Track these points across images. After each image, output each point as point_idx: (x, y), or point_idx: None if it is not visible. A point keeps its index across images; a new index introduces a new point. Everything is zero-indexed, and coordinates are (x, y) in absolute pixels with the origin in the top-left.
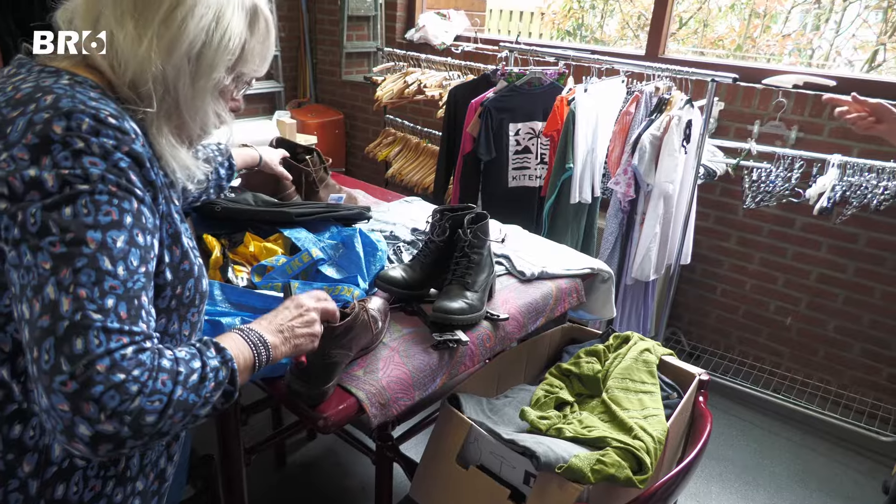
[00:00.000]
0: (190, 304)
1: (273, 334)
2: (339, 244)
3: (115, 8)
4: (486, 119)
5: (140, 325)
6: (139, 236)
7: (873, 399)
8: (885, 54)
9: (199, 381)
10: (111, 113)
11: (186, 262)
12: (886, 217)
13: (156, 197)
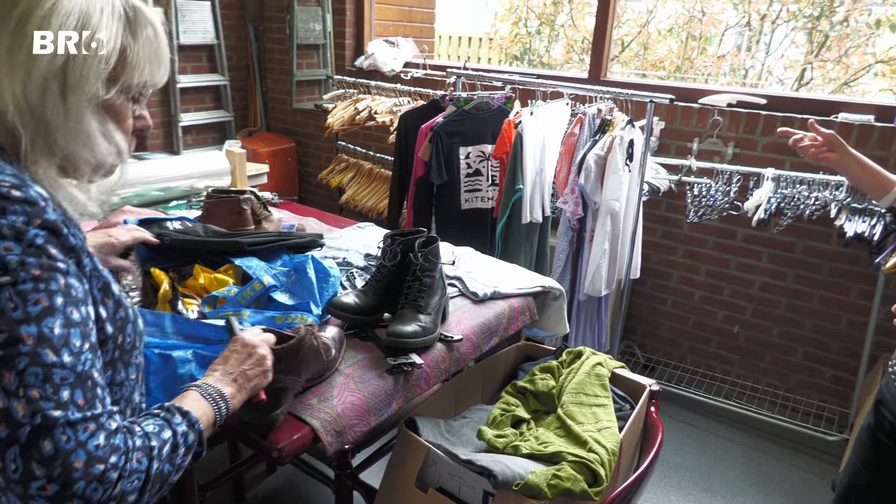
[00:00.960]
0: (131, 348)
1: (228, 384)
2: (291, 271)
3: None
4: (437, 143)
5: (99, 405)
6: (74, 313)
7: (818, 401)
8: (812, 72)
9: (171, 451)
10: (11, 183)
11: (121, 309)
12: (819, 226)
13: (79, 260)
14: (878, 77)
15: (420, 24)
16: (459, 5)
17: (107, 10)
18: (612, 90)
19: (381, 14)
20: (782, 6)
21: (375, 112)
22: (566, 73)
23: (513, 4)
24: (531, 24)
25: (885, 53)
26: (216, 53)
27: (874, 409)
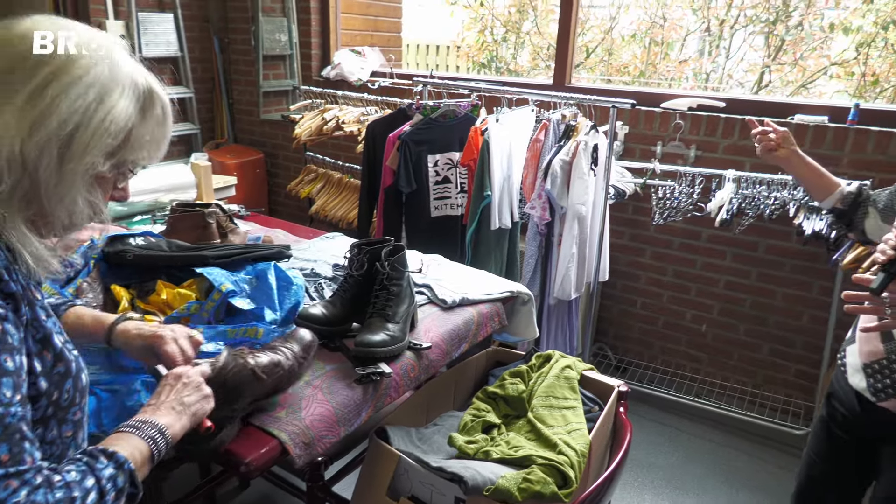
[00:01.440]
0: (69, 404)
1: (165, 414)
2: (252, 278)
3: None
4: (405, 152)
5: (26, 460)
6: (7, 361)
7: (784, 395)
8: (770, 75)
9: (98, 498)
10: None
11: (61, 363)
12: (779, 225)
13: (17, 308)
14: (834, 79)
15: (387, 33)
16: (426, 14)
17: (128, 89)
18: (576, 96)
19: (347, 24)
20: (740, 11)
21: (343, 122)
22: (532, 80)
23: (478, 13)
24: (497, 32)
25: (838, 56)
26: (180, 66)
27: (826, 402)
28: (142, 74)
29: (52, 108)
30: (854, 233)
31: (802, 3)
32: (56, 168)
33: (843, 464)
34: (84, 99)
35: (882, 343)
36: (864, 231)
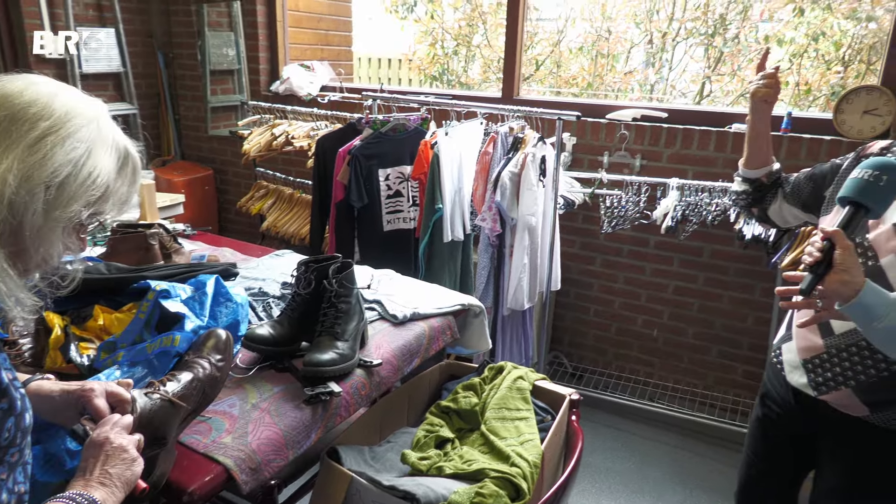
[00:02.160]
0: (9, 444)
1: (97, 488)
2: (192, 288)
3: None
4: (355, 166)
5: None
6: None
7: (733, 396)
8: (711, 86)
9: None
10: None
11: (5, 399)
12: (722, 230)
13: None
14: None
15: (337, 47)
16: (377, 28)
17: (110, 147)
18: (523, 109)
19: (297, 38)
20: (681, 25)
21: (293, 137)
22: (481, 93)
23: (429, 27)
24: (448, 45)
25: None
26: (123, 81)
27: (760, 402)
28: (120, 136)
29: (49, 157)
30: (757, 209)
31: (738, 16)
32: (42, 213)
33: (779, 461)
34: (76, 152)
35: (821, 338)
36: (767, 211)
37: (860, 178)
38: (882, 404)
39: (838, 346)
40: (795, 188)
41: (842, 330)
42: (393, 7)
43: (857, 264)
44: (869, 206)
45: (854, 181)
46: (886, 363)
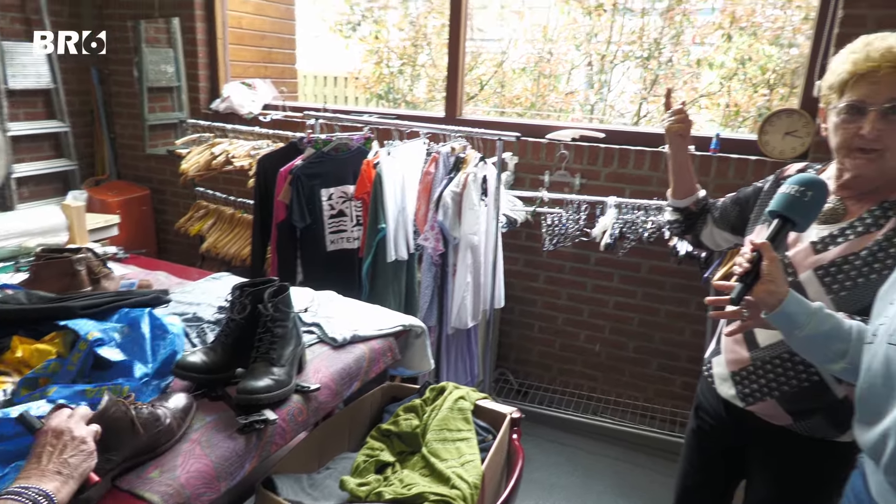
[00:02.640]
0: None
1: (50, 480)
2: (124, 326)
3: None
4: (297, 186)
5: None
6: None
7: (672, 407)
8: (647, 107)
9: None
10: None
11: None
12: (658, 247)
13: None
14: (703, 109)
15: (281, 64)
16: (323, 46)
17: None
18: (464, 129)
19: (238, 55)
20: (618, 48)
21: (233, 156)
22: (424, 113)
23: (374, 46)
24: (393, 65)
25: (705, 89)
26: (54, 98)
27: (694, 414)
28: None
29: None
30: (690, 235)
31: (671, 41)
32: None
33: (713, 472)
34: None
35: (748, 351)
36: (699, 236)
37: (788, 194)
38: (804, 413)
39: (763, 358)
40: (723, 213)
41: (766, 343)
42: (337, 27)
43: (782, 275)
44: (795, 220)
45: (782, 196)
46: (807, 374)
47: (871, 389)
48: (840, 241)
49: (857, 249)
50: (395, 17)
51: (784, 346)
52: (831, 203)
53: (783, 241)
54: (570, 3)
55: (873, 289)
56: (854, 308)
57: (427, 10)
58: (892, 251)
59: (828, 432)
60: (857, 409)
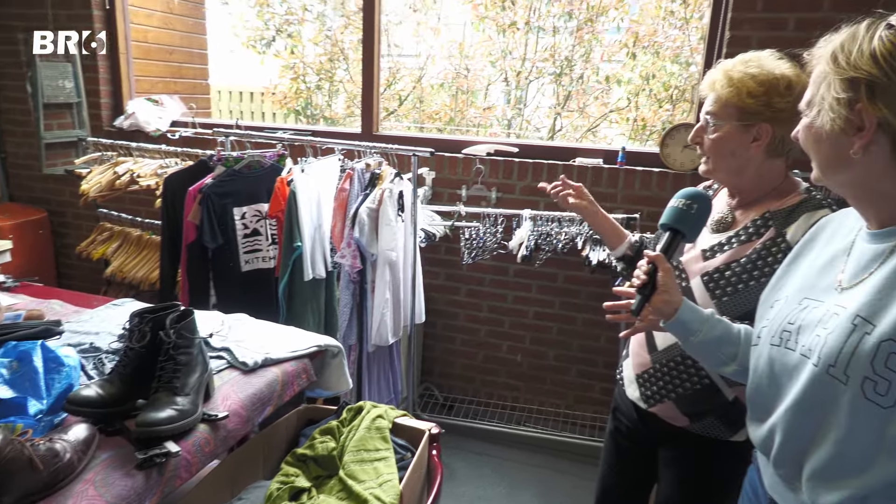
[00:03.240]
0: None
1: None
2: (13, 361)
3: None
4: (208, 205)
5: None
6: None
7: (592, 413)
8: (561, 121)
9: None
10: None
11: None
12: (572, 257)
13: None
14: (614, 124)
15: (192, 80)
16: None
17: None
18: (379, 145)
19: (145, 70)
20: (532, 64)
21: (138, 175)
22: (339, 129)
23: (289, 61)
24: (310, 80)
25: (615, 104)
26: None
27: (612, 416)
28: None
29: None
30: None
31: (581, 58)
32: None
33: (630, 472)
34: None
35: (649, 354)
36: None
37: (676, 207)
38: (698, 415)
39: (661, 360)
40: (655, 243)
41: (663, 346)
42: (250, 42)
43: (675, 285)
44: (684, 231)
45: (671, 209)
46: (699, 377)
47: (759, 389)
48: (726, 249)
49: (739, 257)
50: (311, 31)
51: (678, 349)
52: (722, 213)
53: (675, 251)
54: (485, 21)
55: (753, 295)
56: (736, 313)
57: (344, 24)
58: (770, 259)
59: (722, 432)
60: (749, 408)
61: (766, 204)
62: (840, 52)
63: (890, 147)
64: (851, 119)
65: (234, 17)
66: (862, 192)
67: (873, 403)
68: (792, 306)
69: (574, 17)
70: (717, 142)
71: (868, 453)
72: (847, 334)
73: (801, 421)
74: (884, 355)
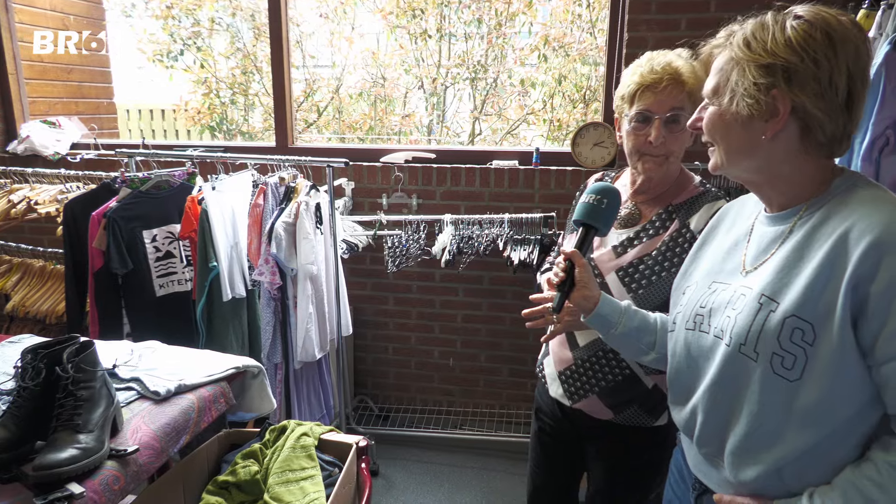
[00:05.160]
0: None
1: None
2: None
3: None
4: (114, 230)
5: None
6: None
7: (526, 410)
8: (480, 125)
9: None
10: None
11: None
12: (494, 258)
13: None
14: (532, 125)
15: (96, 99)
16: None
17: None
18: (291, 158)
19: (40, 91)
20: (447, 71)
21: (36, 202)
22: (255, 144)
23: (200, 76)
24: (224, 95)
25: (530, 107)
26: None
27: (535, 416)
28: None
29: None
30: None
31: (495, 63)
32: None
33: (558, 469)
34: None
35: (570, 351)
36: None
37: (587, 203)
38: (621, 405)
39: (583, 356)
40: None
41: (585, 342)
42: (156, 57)
43: (593, 280)
44: (596, 226)
45: (582, 205)
46: (619, 368)
47: (678, 372)
48: (636, 244)
49: (650, 250)
50: (222, 44)
51: (599, 345)
52: (628, 208)
53: (590, 246)
54: (397, 31)
55: (666, 285)
56: (652, 305)
57: (255, 36)
58: (678, 249)
59: (645, 420)
60: (670, 392)
61: (667, 198)
62: (752, 39)
63: (799, 132)
64: (765, 105)
65: (139, 31)
66: (765, 177)
67: (781, 378)
68: (702, 291)
69: (484, 22)
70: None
71: (779, 427)
72: (754, 313)
73: (718, 399)
74: (788, 331)
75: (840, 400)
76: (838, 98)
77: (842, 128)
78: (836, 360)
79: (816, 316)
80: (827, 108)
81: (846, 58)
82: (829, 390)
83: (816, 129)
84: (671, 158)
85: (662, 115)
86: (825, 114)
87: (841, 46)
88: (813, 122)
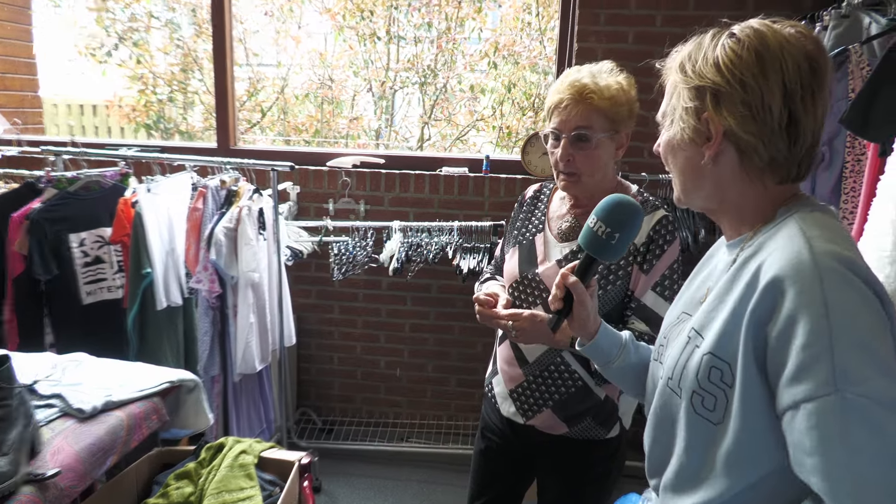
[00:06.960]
0: None
1: None
2: None
3: None
4: (37, 233)
5: None
6: None
7: (474, 421)
8: (429, 131)
9: None
10: None
11: None
12: (443, 266)
13: None
14: (481, 131)
15: (20, 92)
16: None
17: None
18: (234, 161)
19: None
20: (396, 74)
21: None
22: (195, 144)
23: (136, 72)
24: (161, 91)
25: (479, 113)
26: None
27: (481, 435)
28: None
29: None
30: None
31: (444, 67)
32: None
33: (504, 486)
34: None
35: (520, 367)
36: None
37: (595, 234)
38: (575, 418)
39: (534, 372)
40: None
41: (533, 358)
42: (89, 51)
43: (591, 314)
44: (602, 261)
45: (589, 233)
46: (572, 380)
47: (647, 403)
48: (579, 257)
49: None
50: (160, 40)
51: (549, 359)
52: (568, 221)
53: (593, 274)
54: (345, 31)
55: (611, 297)
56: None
57: (196, 32)
58: (622, 262)
59: (598, 432)
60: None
61: None
62: (687, 60)
63: (737, 156)
64: (700, 129)
65: (70, 23)
66: (715, 203)
67: (703, 419)
68: (671, 321)
69: (434, 26)
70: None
71: (703, 469)
72: (682, 347)
73: (658, 433)
74: (706, 369)
75: (757, 451)
76: (773, 121)
77: (784, 151)
78: (745, 407)
79: (731, 356)
80: (760, 131)
81: (780, 77)
82: (745, 439)
83: (752, 154)
84: (584, 177)
85: (567, 134)
86: (757, 137)
87: (772, 66)
88: (747, 147)
